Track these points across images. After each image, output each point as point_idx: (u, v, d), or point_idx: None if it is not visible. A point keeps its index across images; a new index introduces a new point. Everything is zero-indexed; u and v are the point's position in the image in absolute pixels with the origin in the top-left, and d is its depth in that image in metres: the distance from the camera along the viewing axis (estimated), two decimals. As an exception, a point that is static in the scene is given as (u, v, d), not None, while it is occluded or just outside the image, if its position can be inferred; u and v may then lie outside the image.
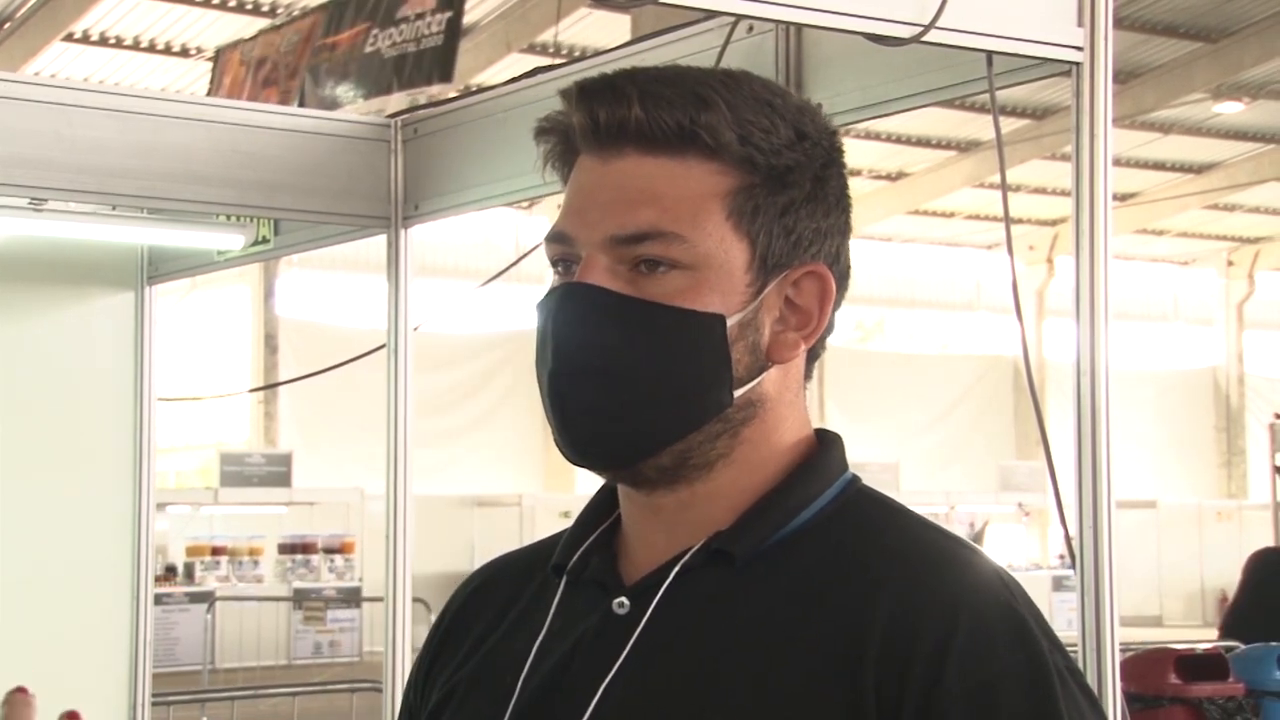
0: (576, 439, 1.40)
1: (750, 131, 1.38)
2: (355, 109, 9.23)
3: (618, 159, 1.39)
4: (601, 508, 1.50)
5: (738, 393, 1.40)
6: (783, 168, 1.40)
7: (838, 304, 1.45)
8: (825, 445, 1.46)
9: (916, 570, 1.36)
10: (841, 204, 1.45)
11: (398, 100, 8.85)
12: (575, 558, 1.47)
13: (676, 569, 1.39)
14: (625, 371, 1.37)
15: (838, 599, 1.35)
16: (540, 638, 1.43)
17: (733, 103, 1.38)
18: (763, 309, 1.41)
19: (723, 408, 1.39)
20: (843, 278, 1.45)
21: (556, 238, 1.42)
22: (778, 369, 1.42)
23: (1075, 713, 1.31)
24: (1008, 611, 1.34)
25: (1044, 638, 1.34)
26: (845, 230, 1.45)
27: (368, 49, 9.77)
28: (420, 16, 9.47)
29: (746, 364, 1.40)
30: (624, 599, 1.40)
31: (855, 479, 1.46)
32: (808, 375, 1.47)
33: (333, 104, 9.67)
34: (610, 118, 1.39)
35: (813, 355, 1.47)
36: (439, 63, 9.25)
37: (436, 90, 8.97)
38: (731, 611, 1.37)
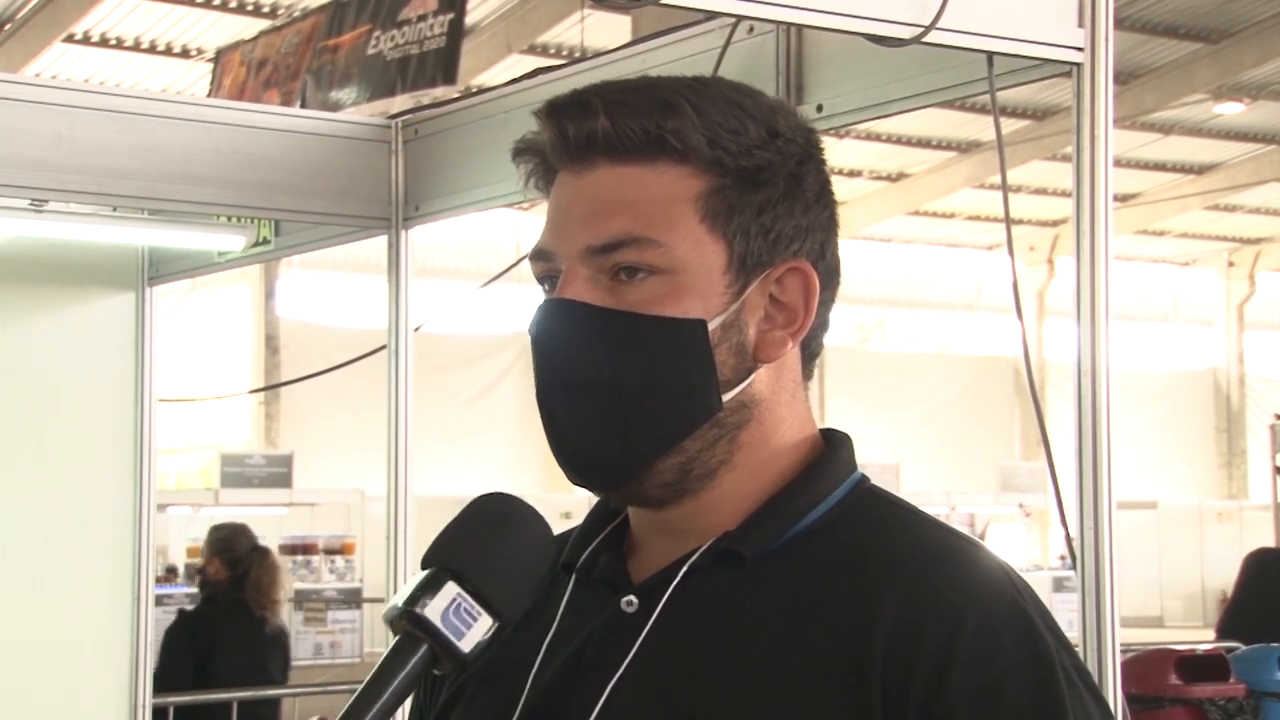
0: (571, 454, 1.41)
1: (718, 133, 1.39)
2: (358, 111, 9.22)
3: (590, 171, 1.40)
4: (610, 505, 1.50)
5: (726, 396, 1.40)
6: (754, 167, 1.40)
7: (829, 300, 1.45)
8: (833, 445, 1.47)
9: (923, 568, 1.36)
10: (822, 200, 1.44)
11: (401, 103, 8.84)
12: (584, 556, 1.48)
13: (685, 568, 1.40)
14: (610, 383, 1.38)
15: (845, 598, 1.35)
16: (549, 635, 1.44)
17: (700, 106, 1.39)
18: (745, 309, 1.40)
19: (712, 412, 1.39)
20: (830, 274, 1.45)
21: (538, 255, 1.43)
22: (769, 369, 1.42)
23: (1081, 711, 1.32)
24: (1015, 610, 1.34)
25: (1051, 636, 1.34)
26: (829, 226, 1.45)
27: (370, 51, 9.76)
28: (422, 18, 9.45)
29: (733, 366, 1.40)
30: (633, 597, 1.41)
31: (864, 479, 1.46)
32: (807, 374, 1.47)
33: (335, 106, 9.65)
34: (579, 131, 1.39)
35: (810, 354, 1.47)
36: (442, 65, 9.24)
37: (440, 92, 8.96)
38: (740, 610, 1.37)
